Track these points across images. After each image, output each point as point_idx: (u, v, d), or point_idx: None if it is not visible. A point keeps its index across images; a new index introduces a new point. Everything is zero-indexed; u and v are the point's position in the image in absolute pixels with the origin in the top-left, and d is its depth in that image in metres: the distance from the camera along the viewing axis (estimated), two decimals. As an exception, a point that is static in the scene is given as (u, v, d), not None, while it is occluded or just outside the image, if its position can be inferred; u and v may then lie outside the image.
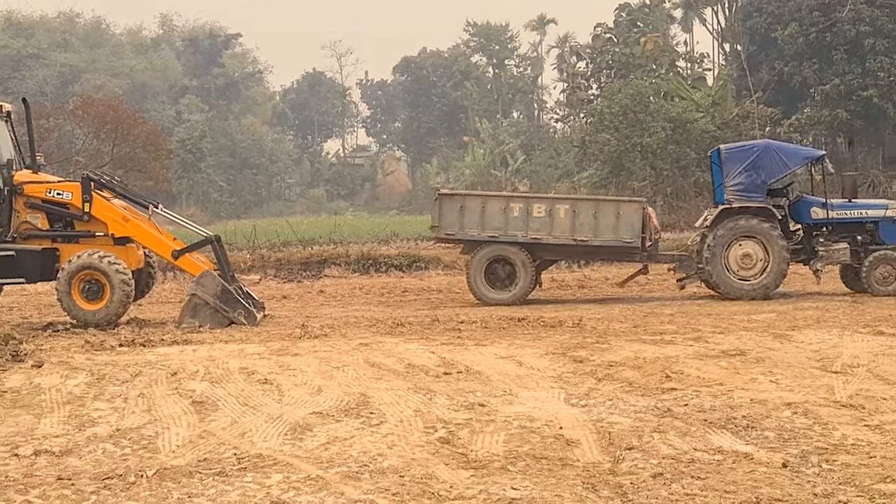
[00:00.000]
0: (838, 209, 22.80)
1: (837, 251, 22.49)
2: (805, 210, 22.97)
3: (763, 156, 22.67)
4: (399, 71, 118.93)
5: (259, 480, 8.43)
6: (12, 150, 20.00)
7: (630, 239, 22.67)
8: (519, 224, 22.65)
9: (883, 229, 22.67)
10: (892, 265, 22.07)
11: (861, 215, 22.86)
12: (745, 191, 22.54)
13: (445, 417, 10.54)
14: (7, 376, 13.55)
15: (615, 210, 22.94)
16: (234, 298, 18.82)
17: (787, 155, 23.12)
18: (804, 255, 22.95)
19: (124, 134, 59.10)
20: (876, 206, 23.49)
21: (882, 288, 21.96)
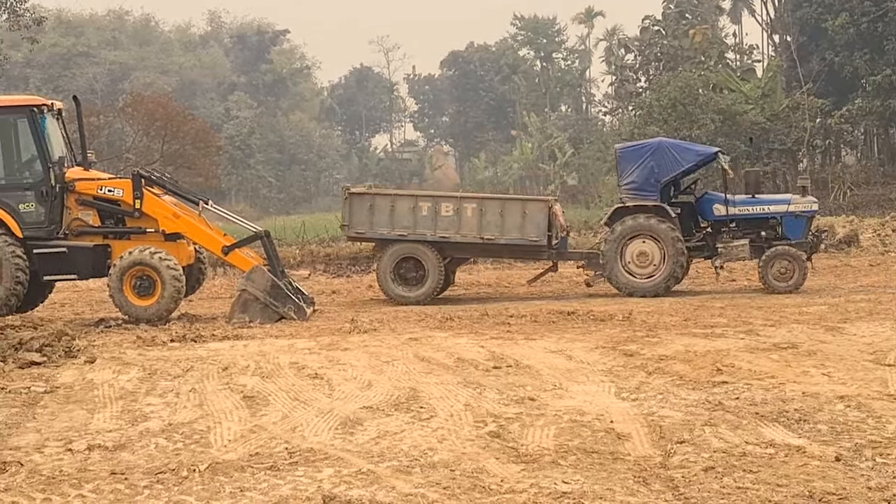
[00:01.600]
0: (740, 205, 22.77)
1: (737, 248, 22.44)
2: (708, 207, 22.95)
3: (656, 154, 22.61)
4: (446, 65, 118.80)
5: (310, 474, 8.46)
6: (64, 147, 20.16)
7: (536, 237, 22.65)
8: (427, 223, 22.62)
9: (786, 224, 22.54)
10: (788, 260, 21.82)
11: (763, 211, 22.76)
12: (638, 189, 22.55)
13: (495, 412, 10.53)
14: (60, 372, 13.68)
15: (521, 209, 22.93)
16: (284, 293, 18.89)
17: (681, 153, 23.02)
18: (706, 252, 22.93)
19: (174, 131, 59.42)
20: (778, 201, 23.38)
21: (780, 284, 21.70)
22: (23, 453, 9.44)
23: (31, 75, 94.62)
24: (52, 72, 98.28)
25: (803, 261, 21.79)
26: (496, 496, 7.77)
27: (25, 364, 14.24)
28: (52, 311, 21.54)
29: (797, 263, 21.68)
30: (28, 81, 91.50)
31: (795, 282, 21.63)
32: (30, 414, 11.30)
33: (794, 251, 21.81)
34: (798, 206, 22.58)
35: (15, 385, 12.84)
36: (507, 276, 26.34)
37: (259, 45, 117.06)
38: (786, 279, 21.64)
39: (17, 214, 19.06)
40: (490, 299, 22.26)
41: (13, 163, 20.04)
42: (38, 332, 15.47)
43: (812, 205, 22.94)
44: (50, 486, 8.40)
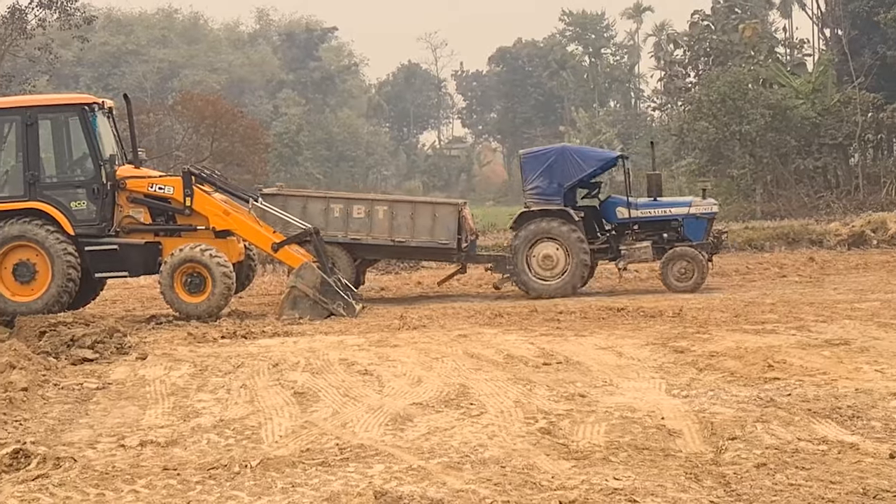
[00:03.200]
0: (642, 208, 23.00)
1: (639, 249, 22.70)
2: (612, 210, 23.23)
3: (559, 160, 22.90)
4: (494, 61, 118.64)
5: (361, 470, 8.48)
6: (114, 145, 20.31)
7: (446, 240, 22.78)
8: (339, 224, 22.66)
9: (687, 226, 22.83)
10: (687, 261, 22.05)
11: (665, 213, 23.01)
12: (542, 194, 22.77)
13: (546, 408, 10.52)
14: (112, 368, 13.80)
15: (432, 212, 23.05)
16: (334, 290, 18.95)
17: (583, 158, 23.27)
18: (610, 254, 23.14)
19: (223, 129, 59.64)
20: (679, 203, 23.75)
21: (679, 284, 21.94)
22: (76, 449, 9.52)
23: (81, 73, 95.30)
24: (101, 70, 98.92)
25: (702, 261, 22.11)
26: (547, 492, 7.75)
27: (78, 360, 14.37)
28: (104, 307, 21.68)
29: (696, 264, 22.03)
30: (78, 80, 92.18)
31: (695, 282, 21.98)
32: (82, 410, 11.40)
33: (693, 252, 22.16)
34: (699, 208, 23.07)
35: (68, 381, 12.96)
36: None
37: (307, 42, 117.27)
38: (685, 279, 22.00)
39: (69, 212, 19.21)
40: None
41: (65, 161, 20.22)
42: (90, 329, 15.58)
43: (712, 207, 23.53)
44: (103, 481, 8.46)
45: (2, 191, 19.55)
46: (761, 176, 54.54)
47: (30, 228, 18.86)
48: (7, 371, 12.97)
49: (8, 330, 17.72)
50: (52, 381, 12.99)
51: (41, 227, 18.90)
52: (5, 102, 21.26)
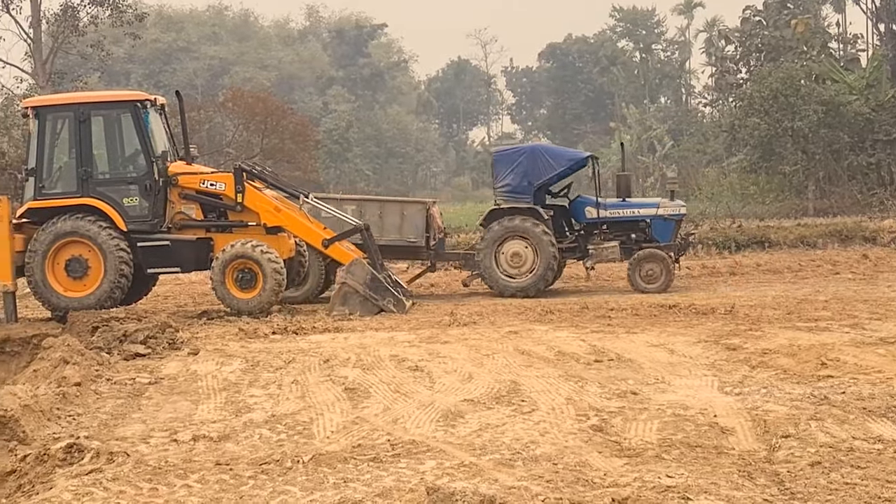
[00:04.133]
0: (611, 208, 23.00)
1: (607, 249, 22.74)
2: (581, 210, 23.23)
3: (530, 158, 22.90)
4: (544, 57, 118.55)
5: (413, 466, 8.47)
6: (166, 142, 20.42)
7: (414, 238, 22.82)
8: None
9: (655, 227, 22.87)
10: (655, 262, 22.01)
11: (633, 214, 23.06)
12: (512, 192, 22.79)
13: (597, 405, 10.48)
14: (165, 364, 13.87)
15: (400, 210, 23.12)
16: (384, 286, 18.98)
17: (554, 157, 23.24)
18: (578, 253, 23.17)
19: (273, 125, 59.92)
20: (648, 204, 23.75)
21: (647, 285, 21.86)
22: (129, 444, 9.57)
23: (132, 70, 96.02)
24: (153, 67, 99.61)
25: (669, 263, 22.05)
26: (599, 489, 7.72)
27: (130, 356, 14.46)
28: (156, 303, 21.85)
29: (663, 266, 21.96)
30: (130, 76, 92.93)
31: (662, 283, 21.89)
32: (135, 405, 11.47)
33: (660, 253, 22.11)
34: (666, 209, 23.04)
35: (120, 376, 13.04)
36: (608, 269, 26.14)
37: (357, 39, 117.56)
38: (653, 280, 21.92)
39: (121, 208, 19.33)
40: (590, 292, 22.13)
41: (117, 157, 20.34)
42: (142, 325, 15.67)
43: (680, 209, 23.47)
44: (156, 476, 8.50)
45: (55, 187, 19.68)
46: (813, 172, 54.19)
47: (82, 224, 18.99)
48: (60, 366, 13.07)
49: (61, 325, 17.86)
50: (104, 376, 13.07)
51: (94, 223, 19.02)
52: (58, 99, 21.45)
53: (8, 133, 42.84)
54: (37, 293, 19.25)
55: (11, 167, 39.30)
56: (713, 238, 32.89)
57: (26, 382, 12.65)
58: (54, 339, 15.13)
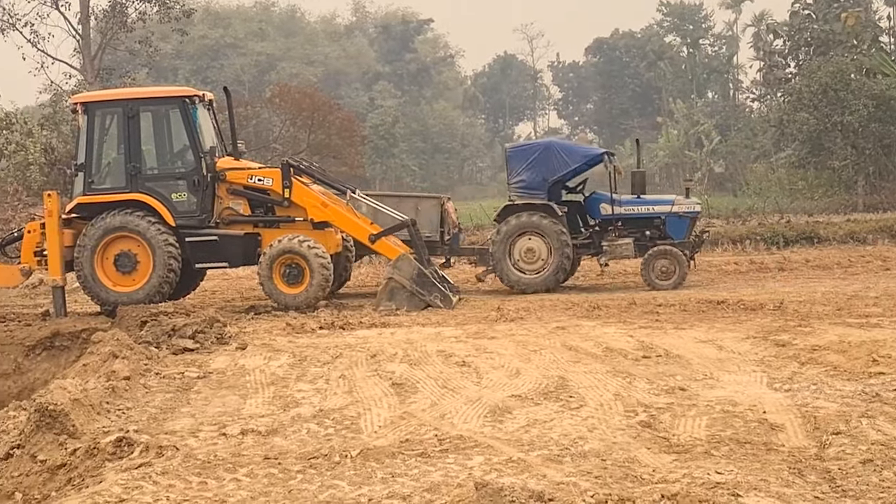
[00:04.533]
0: (625, 205, 22.90)
1: (621, 246, 22.62)
2: (595, 206, 23.14)
3: (544, 155, 22.82)
4: (591, 52, 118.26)
5: (461, 462, 8.47)
6: (214, 137, 20.52)
7: (429, 233, 22.54)
8: None
9: (670, 224, 22.72)
10: (669, 259, 21.93)
11: (648, 211, 22.94)
12: (527, 188, 22.70)
13: (646, 401, 10.43)
14: (213, 358, 13.93)
15: (414, 206, 22.94)
16: (430, 282, 18.97)
17: (569, 154, 23.15)
18: (593, 250, 23.07)
19: (320, 121, 60.08)
20: (662, 201, 23.49)
21: (661, 282, 21.77)
22: (178, 437, 9.61)
23: (180, 66, 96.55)
24: (200, 63, 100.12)
25: (683, 260, 21.95)
26: (648, 486, 7.68)
27: (179, 350, 14.54)
28: (203, 298, 21.94)
29: (677, 262, 21.88)
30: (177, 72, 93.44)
31: (675, 280, 21.78)
32: (184, 399, 11.52)
33: (674, 250, 22.03)
34: (681, 206, 22.93)
35: (169, 370, 13.10)
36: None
37: (403, 34, 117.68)
38: (667, 277, 21.83)
39: (170, 203, 19.45)
40: (638, 288, 22.04)
41: (166, 153, 20.49)
42: (190, 319, 15.75)
43: (695, 206, 23.43)
44: (205, 469, 8.54)
45: (104, 182, 19.83)
46: (863, 168, 53.72)
47: (131, 220, 19.13)
48: (110, 360, 13.16)
49: (110, 320, 17.99)
50: (153, 370, 13.14)
51: (143, 218, 19.15)
52: (107, 95, 21.61)
53: (57, 129, 43.20)
54: (86, 288, 19.41)
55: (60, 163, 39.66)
56: (761, 234, 32.67)
57: (76, 376, 12.75)
58: (104, 334, 15.22)
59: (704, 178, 78.04)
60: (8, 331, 17.98)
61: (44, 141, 41.17)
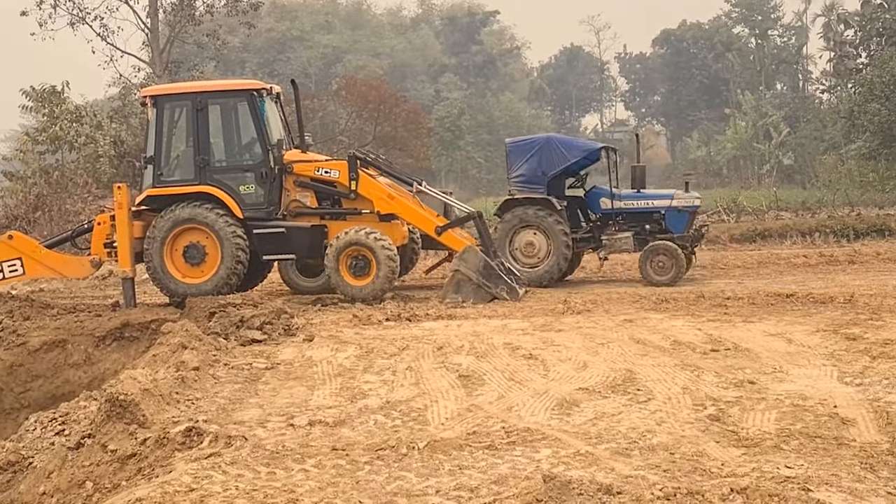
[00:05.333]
0: (625, 199, 22.88)
1: (620, 240, 22.61)
2: (596, 200, 23.17)
3: (544, 149, 22.88)
4: (658, 44, 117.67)
5: (528, 454, 8.45)
6: (282, 130, 20.62)
7: None
8: None
9: (669, 218, 22.66)
10: (666, 254, 21.77)
11: (647, 205, 22.89)
12: (526, 182, 22.72)
13: (714, 395, 10.35)
14: (280, 349, 13.99)
15: None
16: (497, 274, 18.94)
17: (568, 148, 23.16)
18: (593, 244, 23.04)
19: (386, 113, 60.24)
20: (661, 196, 23.35)
21: (658, 277, 21.65)
22: (247, 428, 9.67)
23: (247, 59, 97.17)
24: (267, 56, 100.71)
25: (679, 255, 21.83)
26: (717, 479, 7.62)
27: (247, 341, 14.62)
28: (270, 289, 22.05)
29: (674, 257, 21.77)
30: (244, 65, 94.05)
31: (672, 276, 21.66)
32: (252, 390, 11.58)
33: (670, 245, 21.92)
34: (681, 201, 22.84)
35: (237, 361, 13.18)
36: (723, 257, 25.90)
37: (469, 26, 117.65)
38: (664, 272, 21.73)
39: (238, 196, 19.56)
40: (706, 281, 21.89)
41: (234, 145, 20.59)
42: (258, 311, 15.83)
43: (694, 200, 23.21)
44: (274, 460, 8.58)
45: (173, 175, 19.99)
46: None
47: (200, 212, 19.26)
48: (179, 351, 13.26)
49: (179, 311, 18.14)
50: (222, 361, 13.23)
51: (211, 210, 19.29)
52: (176, 88, 21.75)
53: (126, 121, 43.66)
54: (155, 279, 19.58)
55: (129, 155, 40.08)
56: (831, 226, 32.38)
57: (146, 367, 12.85)
58: (173, 325, 15.34)
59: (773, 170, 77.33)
60: (78, 321, 18.17)
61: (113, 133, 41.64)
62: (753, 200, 42.11)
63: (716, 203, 40.89)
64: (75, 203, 35.81)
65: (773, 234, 30.26)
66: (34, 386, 17.41)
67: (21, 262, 19.48)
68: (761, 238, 30.87)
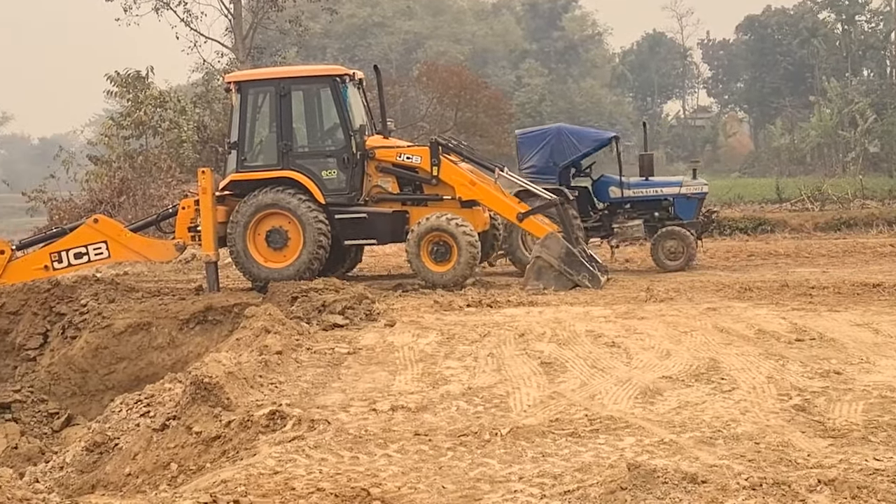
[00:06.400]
0: (634, 187, 22.75)
1: (631, 227, 22.64)
2: (604, 189, 23.02)
3: (555, 139, 22.83)
4: (742, 30, 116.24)
5: (612, 442, 8.42)
6: (364, 116, 20.67)
7: None
8: None
9: (678, 205, 22.72)
10: (677, 240, 21.81)
11: (656, 193, 22.79)
12: (538, 173, 22.50)
13: (800, 385, 10.25)
14: (362, 334, 14.06)
15: None
16: (579, 261, 18.84)
17: (579, 138, 23.16)
18: (603, 232, 22.94)
19: (467, 99, 60.12)
20: (670, 183, 23.39)
21: (670, 263, 21.69)
22: (329, 412, 9.73)
23: (328, 45, 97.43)
24: (348, 42, 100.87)
25: (691, 240, 21.93)
26: (803, 470, 7.55)
27: (329, 326, 14.73)
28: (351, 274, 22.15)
29: (685, 243, 21.83)
30: (325, 51, 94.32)
31: (683, 261, 21.72)
32: (334, 374, 11.66)
33: (681, 231, 21.97)
34: (689, 188, 22.86)
35: (320, 346, 13.27)
36: (807, 245, 25.60)
37: (551, 12, 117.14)
38: (675, 258, 21.79)
39: (320, 181, 19.63)
40: (790, 270, 21.63)
41: (316, 131, 20.69)
42: (340, 296, 15.93)
43: (702, 187, 23.17)
44: (357, 444, 8.63)
45: (256, 160, 20.11)
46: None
47: (283, 197, 19.36)
48: (262, 335, 13.37)
49: (261, 295, 18.27)
50: (304, 345, 13.33)
51: (293, 195, 19.37)
52: (260, 74, 21.89)
53: (209, 107, 43.95)
54: (238, 263, 19.73)
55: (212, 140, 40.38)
56: (919, 216, 31.87)
57: (230, 350, 12.98)
58: (256, 309, 15.47)
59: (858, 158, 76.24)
60: (163, 304, 18.39)
61: (196, 119, 41.93)
62: (838, 188, 41.50)
63: (799, 191, 40.40)
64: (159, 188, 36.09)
65: (858, 223, 29.80)
66: (119, 368, 17.67)
67: (106, 245, 19.68)
68: (846, 227, 30.42)
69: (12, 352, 19.12)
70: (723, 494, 6.88)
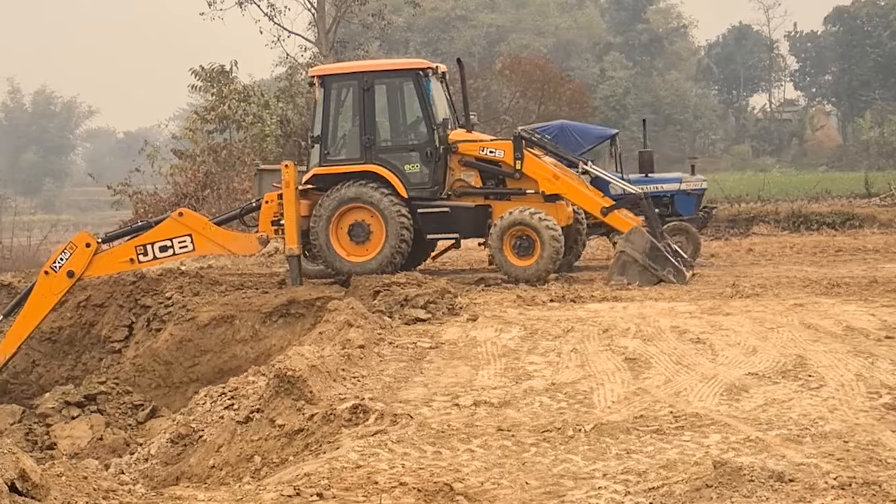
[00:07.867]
0: (634, 184, 21.87)
1: None
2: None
3: (559, 136, 22.62)
4: (830, 21, 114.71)
5: (697, 440, 8.32)
6: (447, 109, 20.64)
7: None
8: None
9: (678, 202, 22.70)
10: (682, 234, 21.42)
11: (656, 189, 22.33)
12: None
13: (890, 383, 10.05)
14: (444, 329, 14.05)
15: None
16: (663, 256, 18.68)
17: (582, 135, 23.26)
18: (603, 229, 22.12)
19: (550, 92, 59.92)
20: (670, 179, 23.30)
21: None
22: (412, 406, 9.72)
23: (411, 39, 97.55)
24: (431, 35, 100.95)
25: (696, 234, 21.91)
26: (894, 470, 7.40)
27: (411, 320, 14.74)
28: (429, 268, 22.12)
29: (691, 238, 21.65)
30: (408, 45, 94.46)
31: (691, 254, 21.25)
32: (417, 368, 11.66)
33: (687, 226, 21.82)
34: (689, 184, 22.86)
35: (402, 340, 13.28)
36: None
37: (635, 4, 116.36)
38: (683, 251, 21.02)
39: (403, 175, 19.64)
40: (878, 265, 21.27)
41: (399, 125, 20.74)
42: (422, 290, 15.94)
43: (701, 183, 23.24)
44: (440, 439, 8.60)
45: (339, 154, 20.17)
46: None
47: (365, 191, 19.39)
48: (345, 329, 13.41)
49: (343, 289, 18.32)
50: (386, 339, 13.35)
51: (376, 189, 19.39)
52: (343, 68, 21.94)
53: (292, 101, 44.17)
54: (321, 257, 19.80)
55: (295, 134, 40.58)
56: None
57: (313, 344, 13.03)
58: (339, 302, 15.49)
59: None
60: (246, 298, 18.52)
61: (280, 113, 42.19)
62: (929, 183, 40.79)
63: (889, 186, 39.75)
64: (242, 181, 36.38)
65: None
66: (203, 360, 17.83)
67: (191, 238, 19.81)
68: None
69: (98, 344, 19.39)
70: (811, 493, 6.76)
